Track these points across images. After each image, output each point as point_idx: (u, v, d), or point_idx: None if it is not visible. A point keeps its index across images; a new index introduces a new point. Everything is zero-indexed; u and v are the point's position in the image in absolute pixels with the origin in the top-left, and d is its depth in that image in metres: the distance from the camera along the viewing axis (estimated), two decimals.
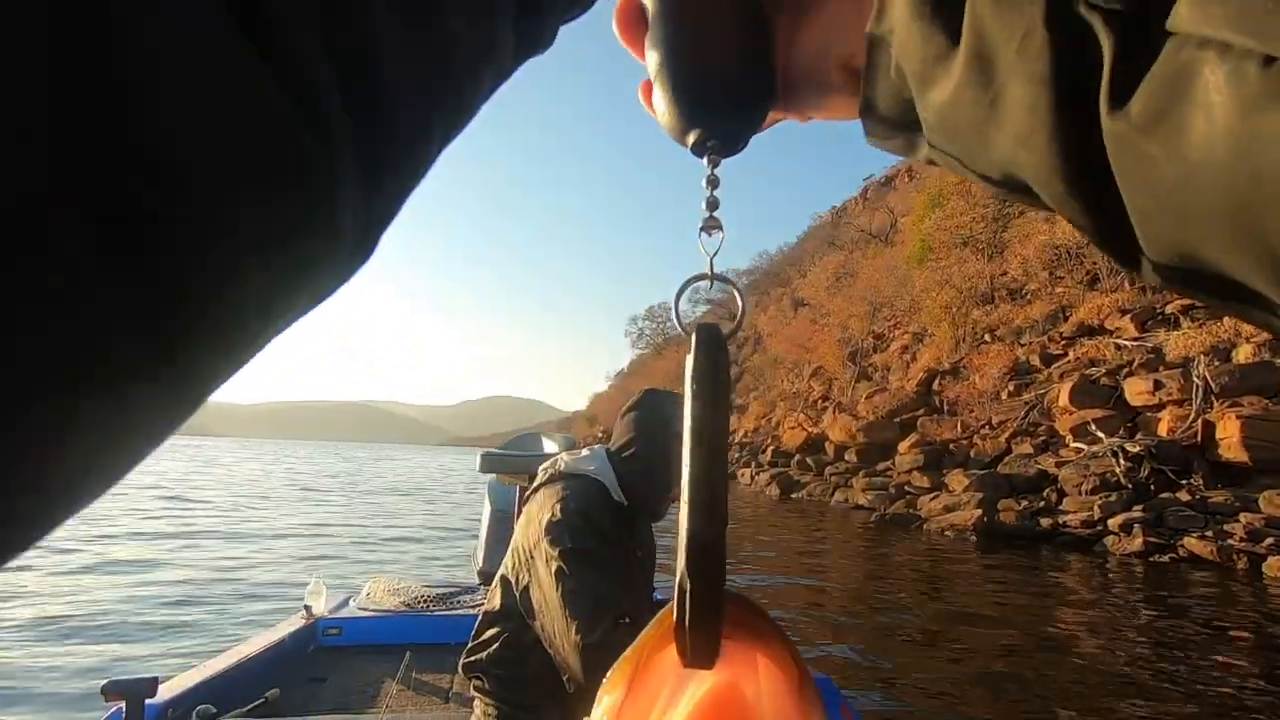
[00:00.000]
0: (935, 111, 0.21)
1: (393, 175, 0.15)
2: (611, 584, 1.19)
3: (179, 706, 1.75)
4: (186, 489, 15.89)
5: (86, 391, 0.09)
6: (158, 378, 0.10)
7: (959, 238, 19.72)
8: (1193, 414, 9.76)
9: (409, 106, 0.15)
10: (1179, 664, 4.23)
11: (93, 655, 3.92)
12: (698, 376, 0.23)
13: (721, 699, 0.22)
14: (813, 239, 52.40)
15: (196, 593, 5.58)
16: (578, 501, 1.25)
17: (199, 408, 0.12)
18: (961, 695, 3.63)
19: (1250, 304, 0.15)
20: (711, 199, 0.27)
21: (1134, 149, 0.15)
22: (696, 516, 0.22)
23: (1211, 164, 0.14)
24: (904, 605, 5.81)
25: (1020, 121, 0.18)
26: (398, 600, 2.81)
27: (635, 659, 0.23)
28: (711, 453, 0.22)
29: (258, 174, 0.11)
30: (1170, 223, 0.15)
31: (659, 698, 0.23)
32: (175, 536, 8.58)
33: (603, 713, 0.23)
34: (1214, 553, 7.51)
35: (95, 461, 0.10)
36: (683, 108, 0.26)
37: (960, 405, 15.03)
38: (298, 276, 0.13)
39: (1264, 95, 0.13)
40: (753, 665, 0.23)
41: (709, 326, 0.24)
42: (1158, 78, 0.15)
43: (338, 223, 0.13)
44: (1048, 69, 0.17)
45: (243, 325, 0.12)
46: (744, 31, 0.26)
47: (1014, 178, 0.19)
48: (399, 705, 2.03)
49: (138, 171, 0.09)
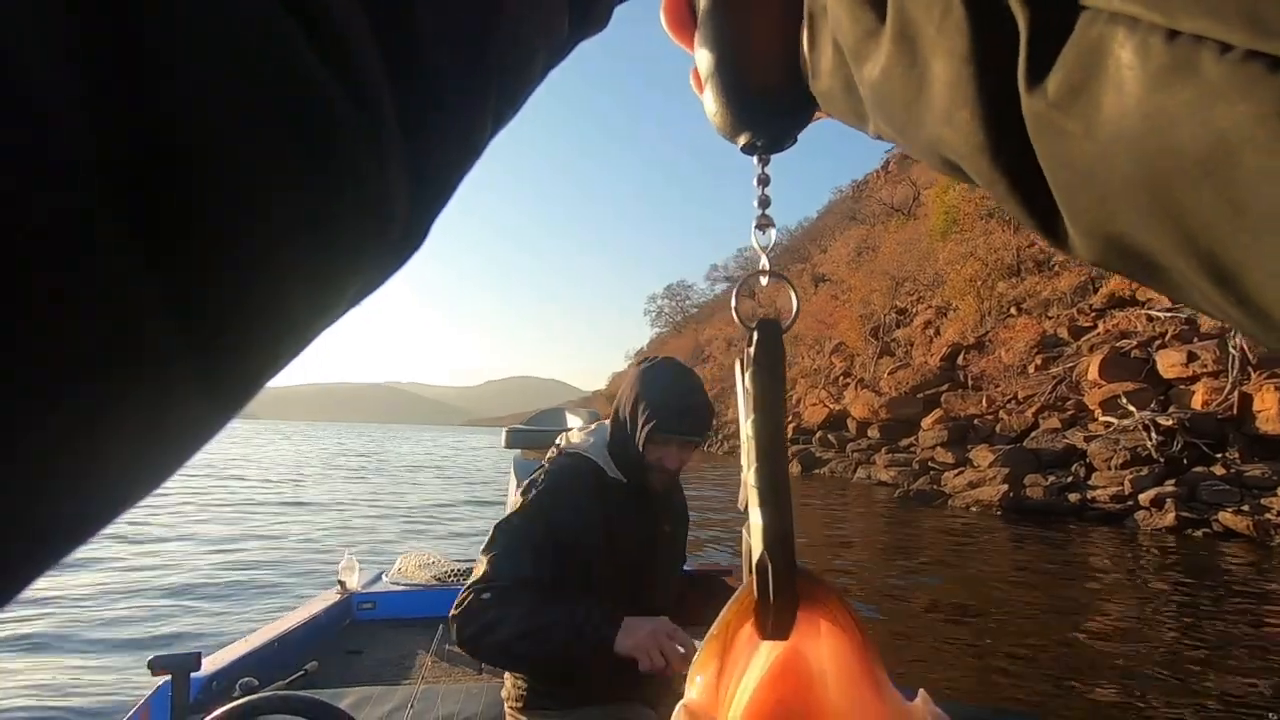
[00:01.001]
0: (870, 88, 0.21)
1: (443, 155, 0.15)
2: (509, 559, 1.16)
3: (222, 680, 1.82)
4: (217, 470, 16.44)
5: (126, 383, 0.09)
6: (201, 371, 0.10)
7: (984, 209, 19.13)
8: (1229, 386, 9.45)
9: (458, 84, 0.15)
10: (1215, 638, 4.17)
11: (132, 631, 4.11)
12: (758, 373, 0.24)
13: (789, 665, 0.24)
14: (833, 213, 51.33)
15: (231, 570, 5.80)
16: (551, 478, 1.24)
17: (247, 401, 0.11)
18: (992, 671, 3.63)
19: (1173, 280, 0.15)
20: (763, 197, 0.28)
21: (1051, 126, 0.15)
22: (768, 509, 0.24)
23: (1124, 139, 0.14)
24: (930, 582, 5.80)
25: (944, 99, 0.18)
26: (428, 574, 2.89)
27: (721, 637, 0.24)
28: (775, 447, 0.24)
29: (298, 150, 0.10)
30: (1090, 199, 0.15)
31: (736, 669, 0.24)
32: (208, 514, 8.90)
33: (698, 690, 0.24)
34: (1250, 527, 7.35)
35: (139, 457, 0.10)
36: (733, 112, 0.27)
37: (986, 380, 14.77)
38: (344, 260, 0.12)
39: (1168, 69, 0.13)
40: (815, 631, 0.24)
41: (769, 323, 0.25)
42: (1072, 53, 0.15)
43: (385, 204, 0.13)
44: (967, 46, 0.17)
45: (288, 313, 0.11)
46: (789, 33, 0.26)
47: (944, 155, 0.19)
48: (433, 676, 2.09)
49: (174, 144, 0.09)
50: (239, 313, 0.10)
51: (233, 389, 0.11)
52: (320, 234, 0.11)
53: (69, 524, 0.09)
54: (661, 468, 1.25)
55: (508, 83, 0.17)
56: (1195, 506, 8.03)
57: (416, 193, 0.14)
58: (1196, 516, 7.86)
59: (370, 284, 0.14)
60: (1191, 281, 0.15)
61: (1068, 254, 0.18)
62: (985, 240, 18.56)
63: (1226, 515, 7.63)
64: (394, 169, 0.13)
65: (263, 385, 0.12)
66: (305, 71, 0.10)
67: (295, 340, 0.12)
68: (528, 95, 0.19)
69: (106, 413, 0.09)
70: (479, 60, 0.16)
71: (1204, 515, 7.85)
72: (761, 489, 0.24)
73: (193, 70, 0.09)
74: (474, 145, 0.17)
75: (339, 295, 0.13)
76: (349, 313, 0.14)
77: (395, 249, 0.14)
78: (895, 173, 42.30)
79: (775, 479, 0.24)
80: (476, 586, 1.15)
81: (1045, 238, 0.18)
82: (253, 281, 0.10)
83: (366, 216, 0.13)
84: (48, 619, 4.19)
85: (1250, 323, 0.14)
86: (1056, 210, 0.17)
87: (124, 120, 0.08)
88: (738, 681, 0.24)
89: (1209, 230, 0.13)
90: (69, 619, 4.24)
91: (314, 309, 0.12)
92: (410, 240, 0.15)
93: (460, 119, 0.15)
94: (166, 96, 0.08)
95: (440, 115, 0.14)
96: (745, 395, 0.25)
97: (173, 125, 0.09)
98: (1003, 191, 0.18)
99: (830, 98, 0.24)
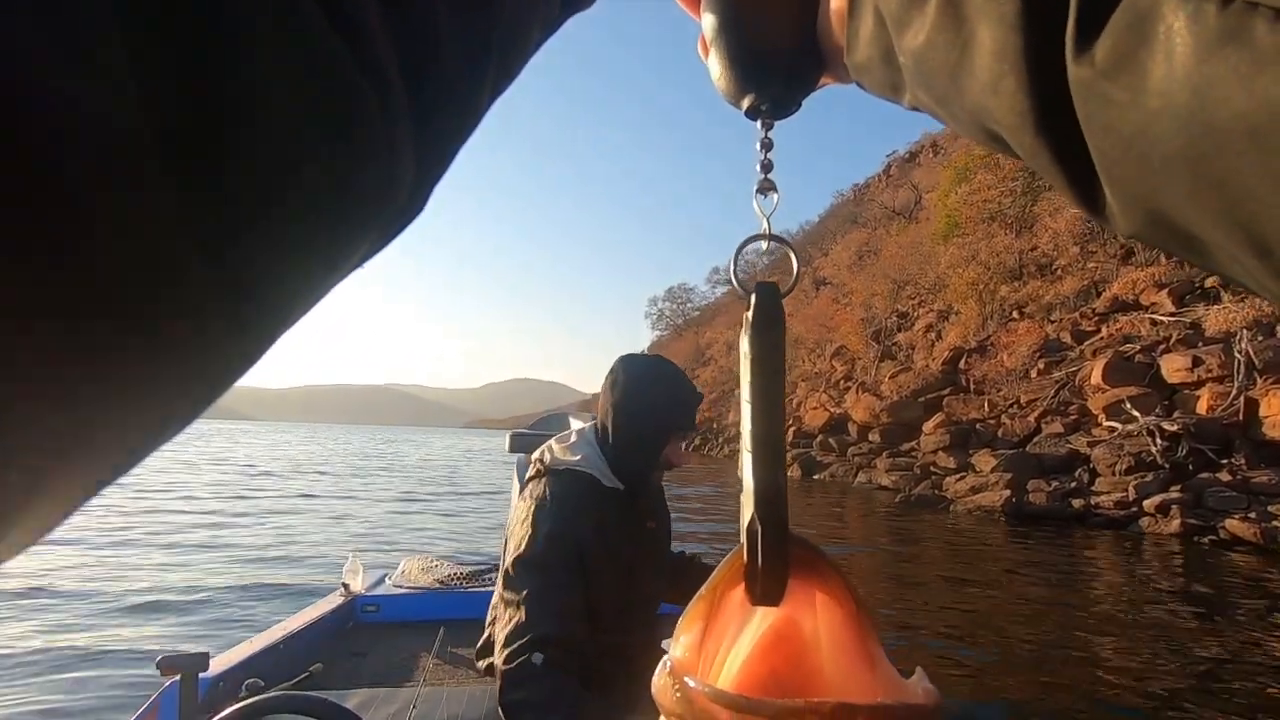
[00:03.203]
0: (911, 56, 0.21)
1: (444, 125, 0.15)
2: (549, 603, 1.14)
3: (229, 680, 1.83)
4: (220, 472, 16.47)
5: (165, 308, 0.09)
6: (231, 311, 0.11)
7: (986, 212, 19.13)
8: (1234, 391, 9.41)
9: (459, 55, 0.15)
10: (1223, 647, 4.14)
11: (138, 632, 4.12)
12: (756, 335, 0.24)
13: (782, 633, 0.23)
14: (835, 217, 51.34)
15: (236, 571, 5.81)
16: (553, 506, 1.22)
17: (266, 349, 0.12)
18: (993, 679, 3.61)
19: (1212, 252, 0.15)
20: (765, 161, 0.27)
21: (1098, 94, 0.15)
22: (760, 467, 0.23)
23: (1171, 107, 0.13)
24: (931, 587, 5.78)
25: (989, 67, 0.18)
26: (431, 578, 2.90)
27: (710, 598, 0.24)
28: (770, 407, 0.24)
29: (316, 114, 0.11)
30: (1133, 169, 0.15)
31: (726, 634, 0.24)
32: (214, 516, 8.92)
33: (681, 649, 0.24)
34: (1258, 534, 7.28)
35: (178, 391, 0.11)
36: (737, 73, 0.27)
37: (988, 384, 14.73)
38: (357, 219, 0.13)
39: (1221, 36, 0.13)
40: (810, 600, 0.24)
41: (767, 285, 0.25)
42: (1122, 20, 0.15)
43: (395, 169, 0.13)
44: (1016, 12, 0.17)
45: (308, 268, 0.12)
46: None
47: (986, 125, 0.19)
48: (436, 679, 2.09)
49: (213, 112, 0.09)
50: (267, 264, 0.11)
51: (256, 333, 0.12)
52: (337, 192, 0.12)
53: (113, 447, 0.10)
54: (667, 464, 1.27)
55: (505, 54, 0.18)
56: (1201, 513, 7.97)
57: (420, 159, 0.15)
58: (1203, 523, 7.80)
59: (376, 245, 0.15)
60: (1231, 254, 0.14)
61: (1106, 226, 0.18)
62: (987, 244, 18.55)
63: (1234, 522, 7.57)
64: (402, 136, 0.13)
65: (280, 335, 0.12)
66: (321, 38, 0.11)
67: (310, 293, 0.13)
68: (521, 67, 0.19)
69: (148, 334, 0.09)
70: (479, 34, 0.16)
71: (1210, 522, 7.79)
72: (755, 448, 0.23)
73: (231, 51, 0.09)
74: (473, 114, 0.17)
75: (351, 253, 0.14)
76: (355, 271, 0.15)
77: (401, 212, 0.15)
78: (896, 176, 42.34)
79: (769, 439, 0.23)
80: (525, 643, 1.11)
81: (1085, 208, 0.18)
82: (280, 236, 0.11)
83: (380, 181, 0.13)
84: (58, 617, 4.20)
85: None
86: (1097, 181, 0.16)
87: (176, 93, 0.09)
88: (727, 646, 0.24)
89: (1253, 200, 0.13)
90: (78, 619, 4.26)
91: (329, 265, 0.13)
92: (414, 204, 0.15)
93: (460, 90, 0.16)
94: (214, 70, 0.09)
95: (443, 86, 0.15)
96: (744, 357, 0.24)
97: (217, 97, 0.09)
98: (1045, 162, 0.17)
99: (866, 68, 0.23)
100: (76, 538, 6.53)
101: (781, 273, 0.28)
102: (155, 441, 0.11)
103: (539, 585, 1.16)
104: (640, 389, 1.26)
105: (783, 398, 0.24)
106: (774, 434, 0.23)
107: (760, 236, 0.28)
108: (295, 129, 0.11)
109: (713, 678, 0.23)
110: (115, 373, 0.09)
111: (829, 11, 0.25)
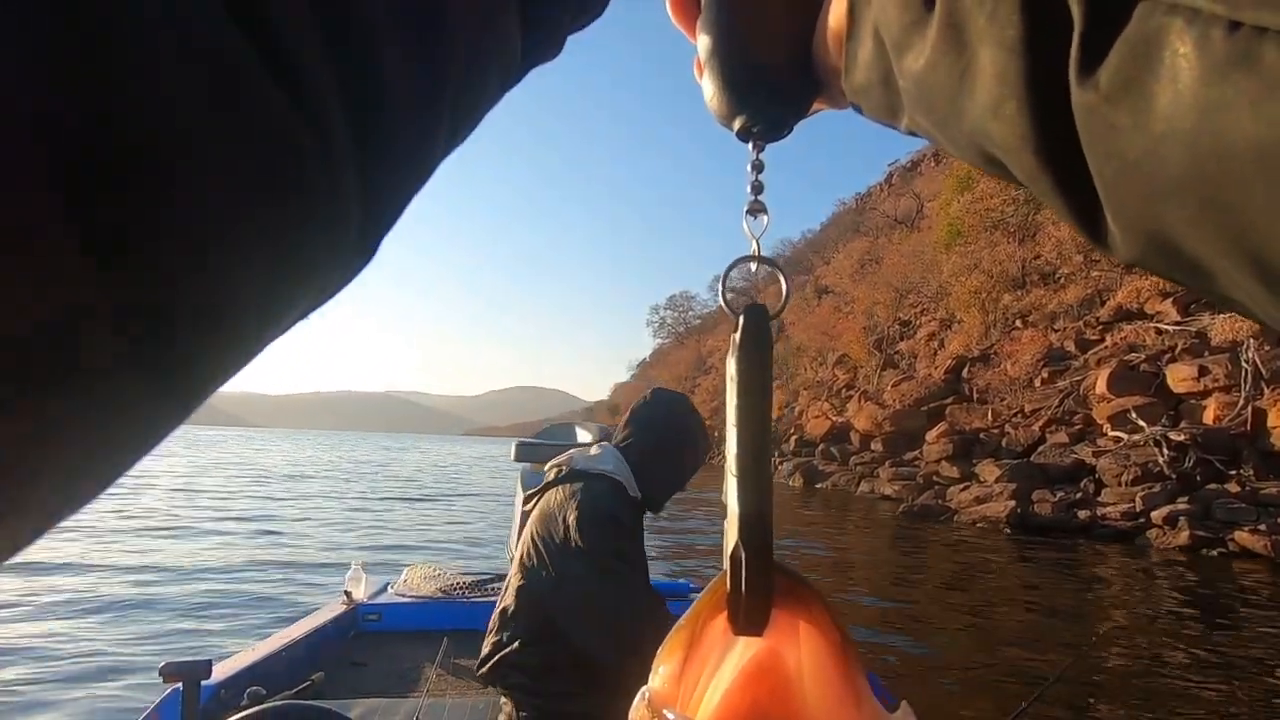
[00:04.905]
0: (911, 79, 0.20)
1: (394, 176, 0.15)
2: (639, 591, 1.25)
3: (231, 688, 1.82)
4: (221, 479, 16.48)
5: (71, 391, 0.09)
6: (150, 377, 0.10)
7: (989, 221, 19.14)
8: (1242, 401, 9.35)
9: (410, 104, 0.15)
10: (1232, 661, 4.08)
11: (140, 639, 4.11)
12: (743, 357, 0.24)
13: (765, 664, 0.23)
14: (837, 225, 51.44)
15: (238, 578, 5.80)
16: (609, 503, 1.28)
17: (195, 408, 0.12)
18: (996, 697, 3.57)
19: (1216, 280, 0.15)
20: (756, 183, 0.27)
21: (1101, 119, 0.15)
22: (745, 492, 0.23)
23: (1176, 134, 0.13)
24: (935, 599, 5.73)
25: (990, 91, 0.17)
26: (434, 586, 2.88)
27: (690, 627, 0.24)
28: (757, 430, 0.23)
29: (253, 169, 0.11)
30: (1137, 195, 0.15)
31: (707, 664, 0.23)
32: (214, 524, 8.92)
33: (660, 680, 0.23)
34: (1268, 547, 7.22)
35: (87, 461, 0.10)
36: (730, 94, 0.27)
37: (991, 393, 14.67)
38: (296, 276, 0.13)
39: (1229, 61, 0.12)
40: (794, 631, 0.23)
41: (756, 307, 0.25)
42: (1126, 45, 0.14)
43: (338, 220, 0.13)
44: (1019, 35, 0.16)
45: (239, 326, 0.12)
46: (792, 19, 0.26)
47: (986, 149, 0.19)
48: (439, 690, 2.07)
49: (124, 163, 0.09)
50: (190, 324, 0.10)
51: (181, 395, 0.11)
52: (274, 249, 0.11)
53: (28, 517, 0.10)
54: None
55: (459, 105, 0.17)
56: (1210, 525, 7.90)
57: (369, 210, 0.14)
58: (1211, 535, 7.73)
59: (320, 297, 0.14)
60: (1237, 282, 0.14)
61: (1107, 252, 0.17)
62: (990, 252, 18.54)
63: (1243, 534, 7.50)
64: (346, 187, 0.13)
65: (211, 392, 0.12)
66: (259, 92, 0.10)
67: (244, 351, 0.12)
68: (479, 117, 0.19)
69: (52, 415, 0.09)
70: (431, 82, 0.16)
71: (1219, 534, 7.71)
72: (740, 473, 0.23)
73: (144, 88, 0.09)
74: (426, 164, 0.17)
75: (289, 308, 0.13)
76: (298, 325, 0.14)
77: (346, 264, 0.14)
78: (898, 185, 42.44)
79: (755, 463, 0.23)
80: (628, 637, 1.20)
81: (1086, 234, 0.17)
82: (205, 294, 0.10)
83: (319, 233, 0.13)
84: (61, 624, 4.20)
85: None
86: (1099, 206, 0.16)
87: (75, 130, 0.08)
88: (708, 676, 0.23)
89: (1260, 229, 0.13)
90: (81, 625, 4.25)
91: (265, 321, 0.12)
92: (360, 256, 0.15)
93: (412, 138, 0.15)
94: (118, 111, 0.08)
95: (393, 135, 0.14)
96: (730, 380, 0.24)
97: (123, 139, 0.09)
98: (1046, 187, 0.17)
99: (865, 91, 0.23)
100: (78, 540, 6.53)
101: (778, 292, 0.28)
102: (76, 503, 0.11)
103: (634, 569, 1.27)
104: (687, 439, 1.40)
105: (770, 421, 0.24)
106: (760, 458, 0.23)
107: (749, 259, 0.27)
108: (230, 188, 0.10)
109: (692, 710, 0.23)
110: (18, 435, 0.09)
111: (825, 33, 0.25)
